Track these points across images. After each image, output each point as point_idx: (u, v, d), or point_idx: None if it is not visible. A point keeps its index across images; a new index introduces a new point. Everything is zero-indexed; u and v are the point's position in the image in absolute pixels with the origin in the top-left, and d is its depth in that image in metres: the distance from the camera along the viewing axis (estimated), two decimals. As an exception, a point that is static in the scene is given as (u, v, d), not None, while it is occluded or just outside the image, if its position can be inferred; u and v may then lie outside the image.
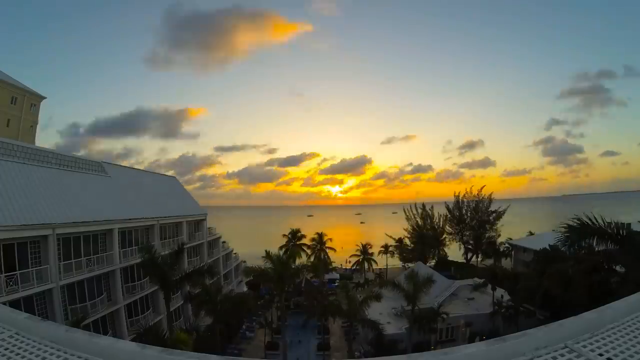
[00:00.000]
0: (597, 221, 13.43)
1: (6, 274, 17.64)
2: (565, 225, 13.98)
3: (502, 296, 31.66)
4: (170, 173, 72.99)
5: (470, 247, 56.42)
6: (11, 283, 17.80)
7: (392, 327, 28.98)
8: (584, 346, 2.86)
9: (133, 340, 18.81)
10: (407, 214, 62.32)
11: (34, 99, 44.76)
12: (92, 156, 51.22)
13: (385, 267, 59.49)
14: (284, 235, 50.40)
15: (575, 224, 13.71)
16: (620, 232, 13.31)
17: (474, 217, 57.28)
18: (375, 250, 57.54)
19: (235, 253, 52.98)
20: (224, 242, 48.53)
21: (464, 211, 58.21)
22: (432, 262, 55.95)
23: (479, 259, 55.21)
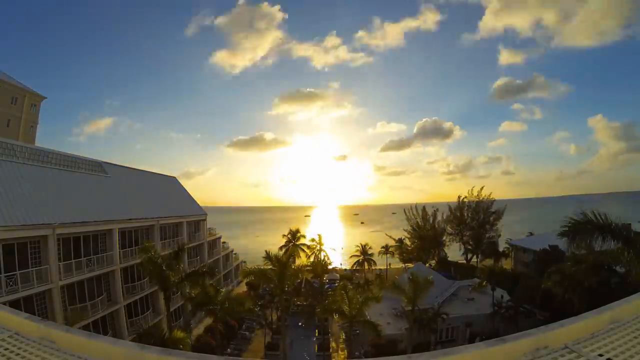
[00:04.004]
0: (600, 218, 13.37)
1: (6, 274, 17.64)
2: (569, 221, 13.87)
3: (502, 296, 31.62)
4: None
5: (470, 247, 56.38)
6: (11, 283, 17.80)
7: (392, 328, 28.95)
8: (584, 346, 2.87)
9: (133, 340, 18.81)
10: (408, 214, 62.30)
11: (34, 99, 44.77)
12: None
13: (386, 267, 59.46)
14: (284, 235, 50.33)
15: (579, 219, 13.62)
16: (622, 231, 13.26)
17: (474, 217, 57.26)
18: (375, 251, 57.50)
19: (235, 253, 52.97)
20: (224, 242, 48.52)
21: (464, 211, 58.19)
22: (432, 263, 55.91)
23: (479, 259, 55.18)
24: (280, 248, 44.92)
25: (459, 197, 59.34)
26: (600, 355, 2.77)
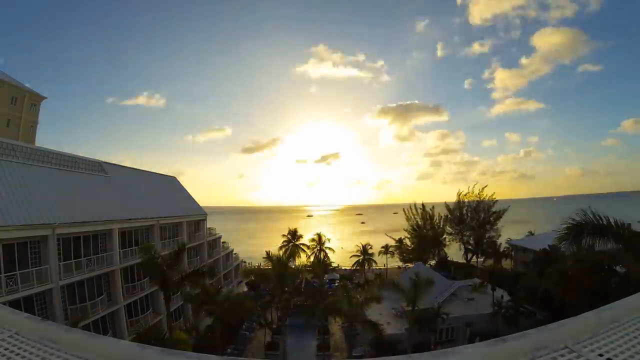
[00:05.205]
0: (600, 218, 13.32)
1: (6, 274, 17.64)
2: (568, 222, 13.81)
3: (502, 296, 31.65)
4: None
5: (470, 247, 56.33)
6: (11, 283, 17.81)
7: (392, 327, 28.95)
8: (584, 346, 2.86)
9: (133, 340, 18.82)
10: (407, 214, 62.26)
11: (34, 99, 44.80)
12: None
13: (385, 267, 59.43)
14: (284, 235, 50.33)
15: (578, 220, 13.56)
16: (622, 231, 13.21)
17: (475, 217, 57.18)
18: (375, 250, 57.46)
19: (235, 253, 52.93)
20: (224, 242, 48.49)
21: (464, 211, 58.10)
22: (432, 263, 55.88)
23: (479, 259, 55.13)
24: (280, 248, 45.00)
25: (458, 195, 59.30)
26: (600, 355, 2.76)
